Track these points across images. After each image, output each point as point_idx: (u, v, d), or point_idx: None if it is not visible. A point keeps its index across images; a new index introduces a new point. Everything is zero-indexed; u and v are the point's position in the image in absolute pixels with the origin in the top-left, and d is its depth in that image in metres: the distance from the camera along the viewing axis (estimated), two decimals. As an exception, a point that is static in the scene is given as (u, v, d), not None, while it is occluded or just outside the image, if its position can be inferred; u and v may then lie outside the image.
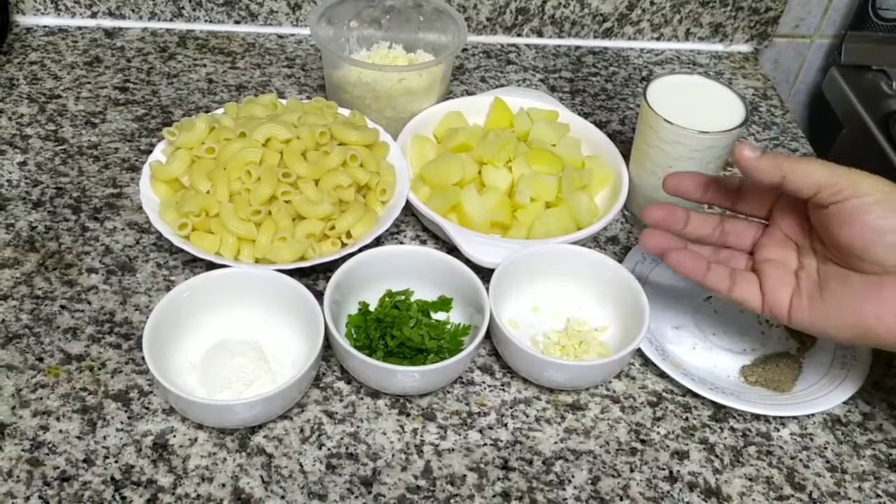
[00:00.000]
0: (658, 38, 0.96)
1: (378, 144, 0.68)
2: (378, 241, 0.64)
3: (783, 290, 0.53)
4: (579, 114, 0.84)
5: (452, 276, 0.61)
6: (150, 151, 0.74)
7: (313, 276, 0.65)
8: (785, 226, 0.54)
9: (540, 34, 0.95)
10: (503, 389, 0.59)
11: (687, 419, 0.59)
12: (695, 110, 0.66)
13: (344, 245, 0.63)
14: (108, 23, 0.89)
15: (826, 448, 0.58)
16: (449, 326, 0.61)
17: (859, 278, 0.49)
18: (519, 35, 0.95)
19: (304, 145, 0.64)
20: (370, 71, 0.73)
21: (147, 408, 0.56)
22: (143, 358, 0.58)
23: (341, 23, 0.80)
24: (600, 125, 0.82)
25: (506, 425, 0.57)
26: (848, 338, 0.51)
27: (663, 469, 0.55)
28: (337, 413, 0.57)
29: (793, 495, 0.55)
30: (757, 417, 0.59)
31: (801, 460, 0.57)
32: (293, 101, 0.70)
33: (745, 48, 0.98)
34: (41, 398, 0.55)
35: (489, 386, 0.59)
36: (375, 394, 0.58)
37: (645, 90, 0.67)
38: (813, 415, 0.59)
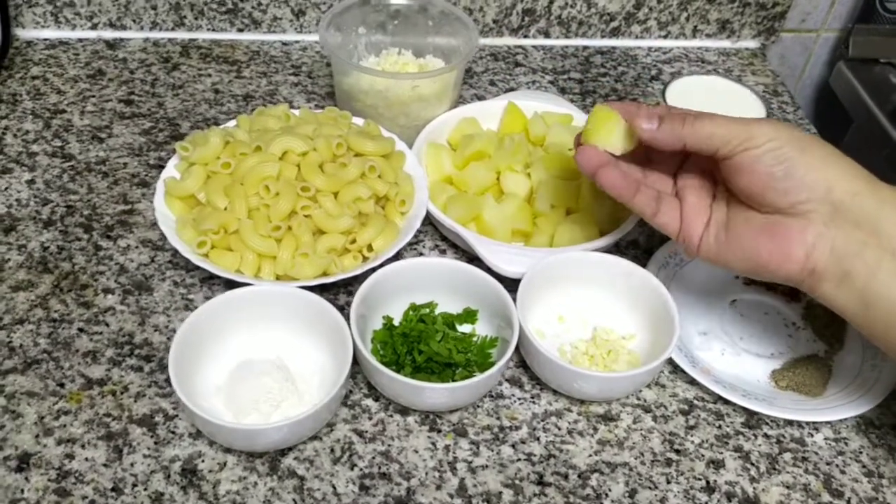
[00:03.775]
0: (665, 37, 0.95)
1: (394, 154, 0.67)
2: (398, 253, 0.63)
3: (698, 220, 0.55)
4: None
5: (478, 288, 0.60)
6: (160, 166, 0.73)
7: (333, 291, 0.64)
8: (699, 170, 0.57)
9: (547, 35, 0.94)
10: (533, 402, 0.58)
11: (720, 427, 0.58)
12: (714, 111, 0.65)
13: (365, 259, 0.62)
14: (110, 34, 0.88)
15: (861, 452, 0.57)
16: (475, 339, 0.60)
17: (759, 217, 0.52)
18: (526, 36, 0.94)
19: (321, 157, 0.62)
20: (382, 78, 0.71)
21: (173, 432, 0.54)
22: (165, 380, 0.57)
23: (349, 29, 0.79)
24: (613, 127, 0.81)
25: (538, 439, 0.56)
26: (745, 270, 0.54)
27: (700, 479, 0.55)
28: (367, 432, 0.56)
29: (832, 502, 0.54)
30: (790, 423, 0.58)
31: (837, 466, 0.56)
32: (306, 112, 0.69)
33: (752, 44, 0.97)
34: (65, 425, 0.54)
35: (519, 399, 0.59)
36: (405, 410, 0.57)
37: (664, 92, 0.66)
38: (845, 418, 0.58)
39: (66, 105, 0.79)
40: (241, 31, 0.90)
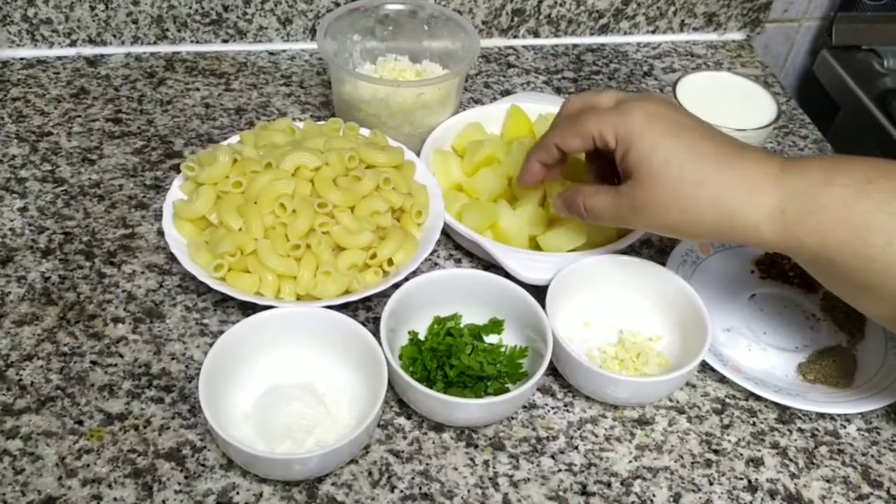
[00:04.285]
0: (654, 32, 0.95)
1: (405, 164, 0.66)
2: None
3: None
4: (590, 114, 0.82)
5: (504, 297, 0.59)
6: (157, 186, 0.71)
7: (352, 308, 0.62)
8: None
9: (537, 35, 0.93)
10: (567, 410, 0.58)
11: (754, 424, 0.58)
12: (725, 107, 0.65)
13: (385, 273, 0.60)
14: (89, 50, 0.85)
15: (894, 441, 0.58)
16: (503, 349, 0.59)
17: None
18: (515, 37, 0.93)
19: (335, 172, 0.61)
20: (384, 86, 0.70)
21: (203, 464, 0.52)
22: (189, 411, 0.55)
23: (344, 37, 0.77)
24: (612, 125, 0.81)
25: (576, 448, 0.55)
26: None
27: (741, 479, 0.54)
28: (403, 451, 0.54)
29: (872, 493, 0.54)
30: (822, 416, 0.58)
31: (872, 456, 0.57)
32: (310, 125, 0.67)
33: (738, 36, 0.98)
34: (88, 465, 0.52)
35: (552, 408, 0.58)
36: (439, 427, 0.56)
37: (674, 89, 0.66)
38: (875, 409, 0.59)
39: (52, 126, 0.76)
40: (225, 41, 0.87)
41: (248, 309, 0.58)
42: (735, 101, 0.66)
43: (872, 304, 0.49)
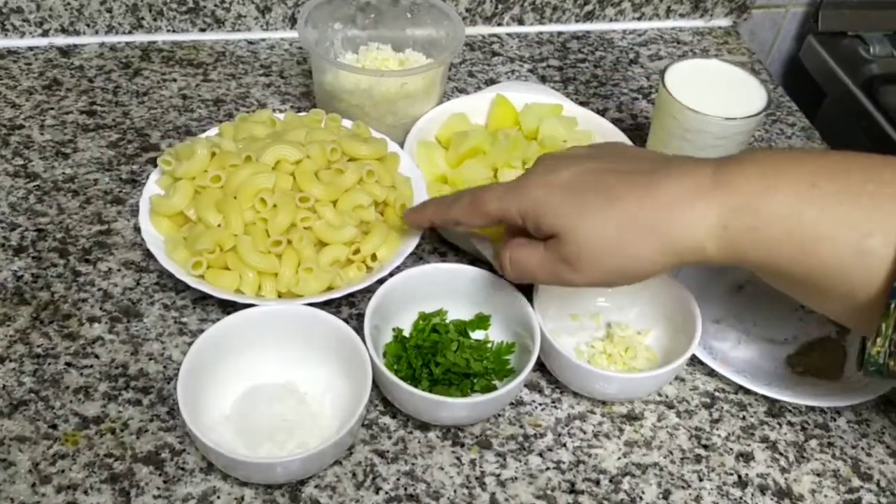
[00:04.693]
0: (640, 18, 0.94)
1: (388, 156, 0.64)
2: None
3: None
4: (575, 103, 0.81)
5: (490, 292, 0.57)
6: (133, 180, 0.69)
7: (335, 304, 0.61)
8: None
9: (521, 22, 0.91)
10: (555, 406, 0.57)
11: (744, 418, 0.57)
12: (714, 95, 0.64)
13: (369, 269, 0.59)
14: (62, 40, 0.82)
15: (884, 433, 0.57)
16: (490, 345, 0.58)
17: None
18: (499, 24, 0.91)
19: (316, 165, 0.59)
20: (367, 76, 0.68)
21: (183, 468, 0.51)
22: (167, 413, 0.53)
23: (325, 25, 0.75)
24: (598, 114, 0.79)
25: (565, 445, 0.54)
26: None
27: (731, 474, 0.54)
28: (388, 451, 0.53)
29: (862, 486, 0.54)
30: (811, 408, 0.58)
31: (862, 448, 0.56)
32: (291, 116, 0.65)
33: (724, 22, 0.97)
34: (63, 470, 0.50)
35: (540, 404, 0.57)
36: (424, 426, 0.54)
37: (662, 77, 0.65)
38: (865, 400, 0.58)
39: (24, 119, 0.74)
40: (203, 30, 0.85)
41: (229, 307, 0.56)
42: (724, 90, 0.65)
43: (823, 305, 0.47)
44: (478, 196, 0.52)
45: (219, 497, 0.50)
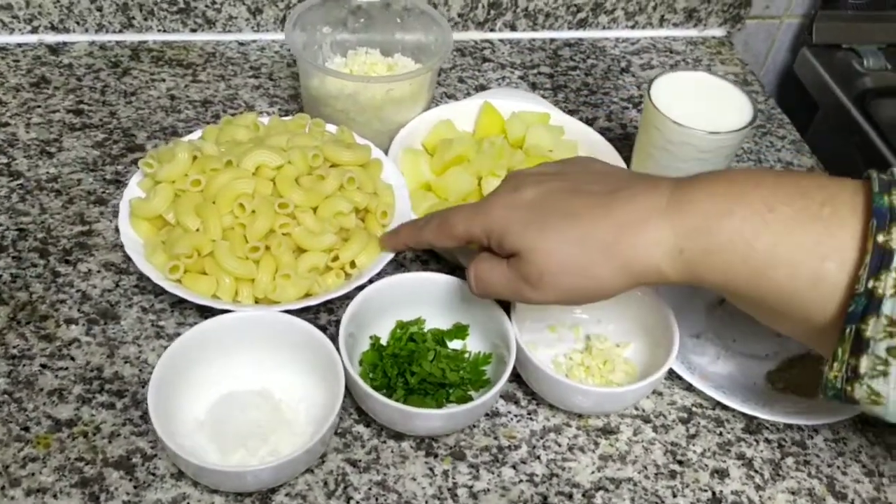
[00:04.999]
0: (633, 27, 0.94)
1: (371, 162, 0.64)
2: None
3: None
4: (564, 111, 0.81)
5: (469, 302, 0.57)
6: (118, 181, 0.69)
7: (313, 311, 0.60)
8: None
9: (513, 28, 0.91)
10: (531, 418, 0.56)
11: (721, 434, 0.57)
12: (700, 108, 0.64)
13: (348, 276, 0.59)
14: (52, 38, 0.82)
15: (860, 452, 0.57)
16: (467, 355, 0.58)
17: None
18: (492, 30, 0.91)
19: (297, 171, 0.59)
20: (353, 82, 0.68)
21: (153, 473, 0.51)
22: (141, 417, 0.53)
23: (313, 29, 0.75)
24: (587, 123, 0.79)
25: (539, 457, 0.54)
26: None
27: (706, 490, 0.54)
28: (360, 461, 0.53)
29: (836, 506, 0.54)
30: (789, 426, 0.58)
31: (838, 467, 0.56)
32: (276, 121, 0.65)
33: (718, 32, 0.96)
34: (33, 473, 0.50)
35: (516, 416, 0.57)
36: (399, 436, 0.54)
37: (648, 89, 0.64)
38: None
39: (10, 117, 0.74)
40: (194, 31, 0.85)
41: (207, 312, 0.56)
42: (711, 103, 0.64)
43: (782, 327, 0.47)
44: (446, 218, 0.53)
45: None
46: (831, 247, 0.41)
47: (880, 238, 0.39)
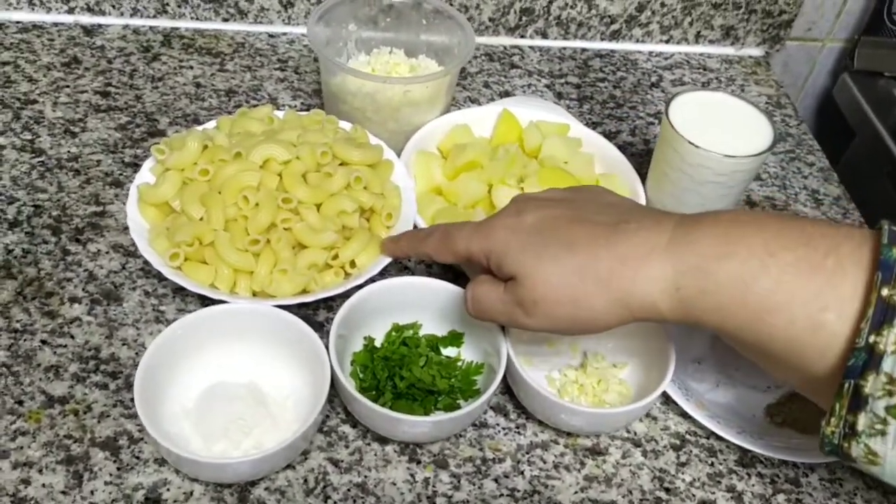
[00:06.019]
0: (667, 41, 0.92)
1: (382, 163, 0.64)
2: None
3: None
4: (587, 123, 0.80)
5: (464, 310, 0.57)
6: (135, 164, 0.70)
7: (312, 306, 0.61)
8: None
9: (545, 35, 0.90)
10: (518, 432, 0.56)
11: (713, 464, 0.56)
12: (719, 130, 0.62)
13: (347, 275, 0.59)
14: (87, 19, 0.84)
15: (856, 494, 0.55)
16: (460, 364, 0.57)
17: None
18: (523, 37, 0.90)
19: (305, 167, 0.59)
20: (371, 81, 0.68)
21: (138, 457, 0.51)
22: (132, 399, 0.54)
23: (339, 25, 0.75)
24: (610, 136, 0.78)
25: (522, 473, 0.54)
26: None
27: (690, 521, 0.52)
28: (343, 461, 0.53)
29: (825, 549, 0.52)
30: (785, 462, 0.56)
31: (831, 509, 0.54)
32: (291, 115, 0.65)
33: (756, 52, 0.94)
34: (21, 447, 0.51)
35: (504, 428, 0.56)
36: (383, 439, 0.54)
37: (667, 108, 0.63)
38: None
39: (38, 95, 0.75)
40: (226, 20, 0.86)
41: (207, 300, 0.56)
42: (730, 126, 0.63)
43: (777, 373, 0.46)
44: (448, 234, 0.53)
45: (168, 490, 0.50)
46: (832, 297, 0.40)
47: (885, 292, 0.38)
